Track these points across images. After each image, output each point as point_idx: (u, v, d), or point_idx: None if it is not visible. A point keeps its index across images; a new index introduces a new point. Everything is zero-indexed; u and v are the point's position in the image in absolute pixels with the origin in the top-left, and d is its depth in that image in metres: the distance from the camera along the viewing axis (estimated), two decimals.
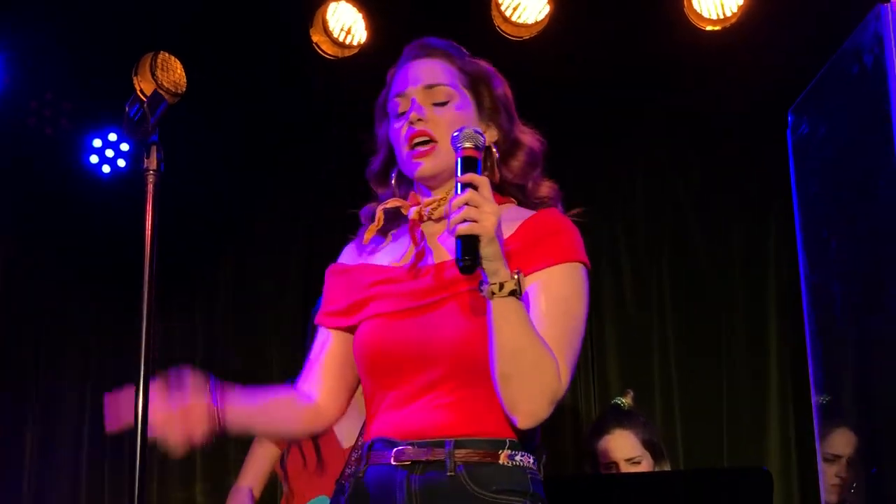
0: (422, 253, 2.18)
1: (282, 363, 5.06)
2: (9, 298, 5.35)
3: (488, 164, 2.20)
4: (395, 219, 2.27)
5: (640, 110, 4.75)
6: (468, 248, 1.92)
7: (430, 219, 2.20)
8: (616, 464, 3.58)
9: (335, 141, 5.06)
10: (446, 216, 2.04)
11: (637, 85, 4.60)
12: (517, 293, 1.95)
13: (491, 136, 2.22)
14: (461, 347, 2.06)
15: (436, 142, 2.16)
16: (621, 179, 4.84)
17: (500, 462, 2.03)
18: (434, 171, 2.18)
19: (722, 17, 4.26)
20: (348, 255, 2.34)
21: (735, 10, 4.24)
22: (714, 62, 4.37)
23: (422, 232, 2.19)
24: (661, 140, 4.79)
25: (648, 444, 3.62)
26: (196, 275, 5.32)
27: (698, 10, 4.25)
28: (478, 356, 2.02)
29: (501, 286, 1.94)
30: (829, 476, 3.13)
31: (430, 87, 2.21)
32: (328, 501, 3.43)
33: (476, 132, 2.05)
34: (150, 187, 2.03)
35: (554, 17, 4.30)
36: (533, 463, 2.08)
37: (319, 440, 3.51)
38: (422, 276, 2.15)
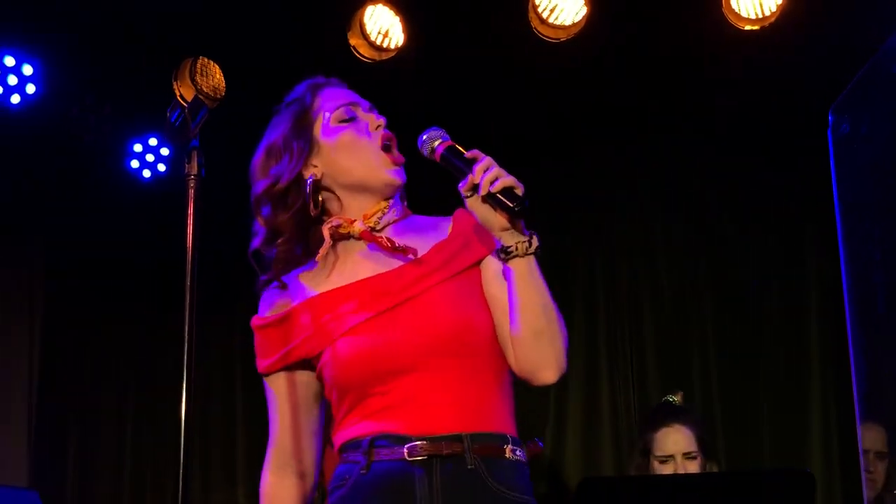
0: (410, 250, 2.17)
1: None
2: (53, 302, 5.41)
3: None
4: (303, 239, 2.29)
5: (678, 110, 4.74)
6: (513, 195, 2.02)
7: (373, 230, 2.22)
8: (673, 457, 3.58)
9: None
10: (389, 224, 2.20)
11: (675, 85, 4.58)
12: (537, 253, 2.05)
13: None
14: (461, 327, 2.08)
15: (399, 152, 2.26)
16: (659, 179, 4.82)
17: (507, 456, 2.07)
18: (402, 181, 2.26)
19: (761, 16, 4.23)
20: (277, 302, 2.34)
21: (774, 8, 4.21)
22: (753, 61, 4.34)
23: (389, 237, 2.20)
24: (699, 139, 4.77)
25: (702, 442, 3.64)
26: (237, 277, 5.34)
27: (736, 10, 4.23)
28: (477, 336, 2.08)
29: (529, 243, 2.04)
30: (868, 473, 3.13)
31: (371, 106, 2.35)
32: None
33: (437, 131, 2.18)
34: (192, 192, 2.05)
35: (591, 19, 4.29)
36: (524, 457, 2.12)
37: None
38: (400, 275, 2.15)
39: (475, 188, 2.04)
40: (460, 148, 2.12)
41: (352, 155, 2.25)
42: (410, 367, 2.08)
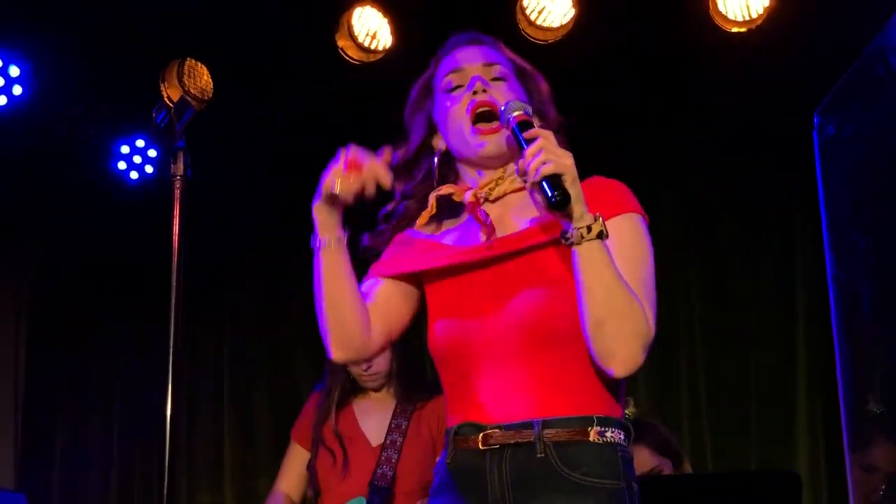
0: (490, 229, 2.15)
1: (308, 367, 5.08)
2: (39, 303, 5.40)
3: None
4: (445, 207, 2.24)
5: (665, 113, 4.75)
6: (556, 184, 1.91)
7: (486, 200, 2.19)
8: None
9: (360, 143, 5.08)
10: (503, 195, 2.11)
11: (662, 87, 4.59)
12: (604, 235, 1.94)
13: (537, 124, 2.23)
14: (541, 313, 2.04)
15: (499, 120, 2.14)
16: (647, 182, 4.82)
17: (591, 440, 2.00)
18: (497, 150, 2.16)
19: (747, 18, 4.24)
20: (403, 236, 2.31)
21: (760, 11, 4.22)
22: (739, 64, 4.35)
23: (485, 212, 2.16)
24: (686, 142, 4.79)
25: (664, 451, 3.56)
26: (223, 278, 5.35)
27: (723, 12, 4.24)
28: (557, 322, 2.02)
29: (590, 228, 1.93)
30: (864, 485, 3.10)
31: (489, 64, 2.21)
32: (364, 502, 3.44)
33: (523, 102, 2.09)
34: (178, 193, 2.05)
35: (579, 21, 4.29)
36: (623, 439, 2.04)
37: (346, 439, 3.52)
38: (498, 246, 2.12)
39: (525, 172, 1.96)
40: (528, 121, 2.03)
41: (448, 128, 2.21)
42: (485, 354, 2.07)
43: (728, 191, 4.74)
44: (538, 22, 4.33)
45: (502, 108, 2.08)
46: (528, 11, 4.32)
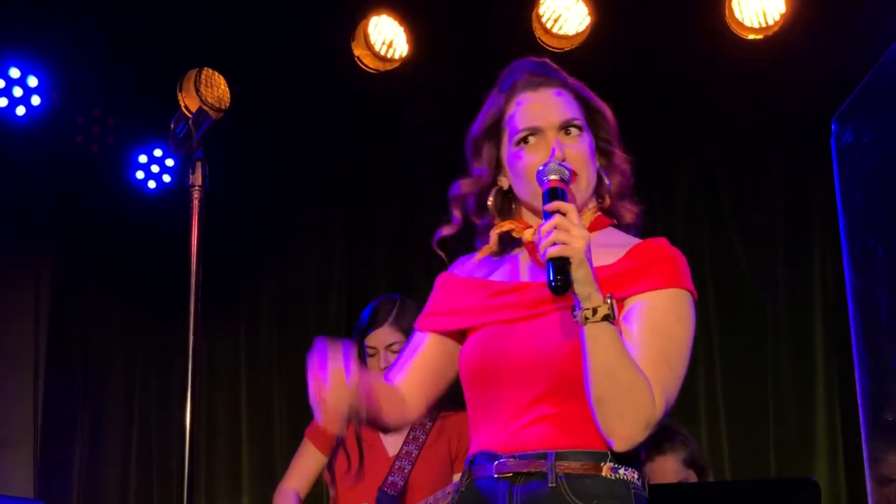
0: (536, 270, 2.18)
1: None
2: (58, 313, 5.42)
3: (601, 191, 2.25)
4: (505, 242, 2.27)
5: (681, 120, 4.74)
6: (559, 269, 1.94)
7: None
8: None
9: (377, 151, 5.10)
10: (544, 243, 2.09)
11: (678, 95, 4.59)
12: (610, 318, 1.95)
13: (600, 161, 2.26)
14: (564, 361, 2.05)
15: (577, 176, 2.15)
16: (663, 189, 4.82)
17: (603, 474, 2.02)
18: (579, 203, 2.16)
19: (764, 25, 4.23)
20: (460, 269, 2.33)
21: (777, 18, 4.22)
22: (756, 71, 4.34)
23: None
24: (702, 149, 4.78)
25: (690, 462, 3.57)
26: (240, 287, 5.36)
27: (740, 19, 4.23)
28: (577, 370, 2.02)
29: (595, 311, 1.95)
30: (879, 498, 3.08)
31: (565, 124, 2.20)
32: None
33: (561, 165, 2.09)
34: (196, 202, 2.06)
35: (595, 29, 4.29)
36: (637, 478, 2.06)
37: (364, 445, 3.53)
38: (531, 291, 2.15)
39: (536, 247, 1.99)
40: (560, 188, 2.05)
41: (521, 182, 2.20)
42: (510, 384, 2.09)
43: (745, 198, 4.72)
44: (554, 30, 4.33)
45: (541, 167, 2.09)
46: (544, 19, 4.32)
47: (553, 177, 2.06)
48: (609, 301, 1.95)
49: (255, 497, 5.12)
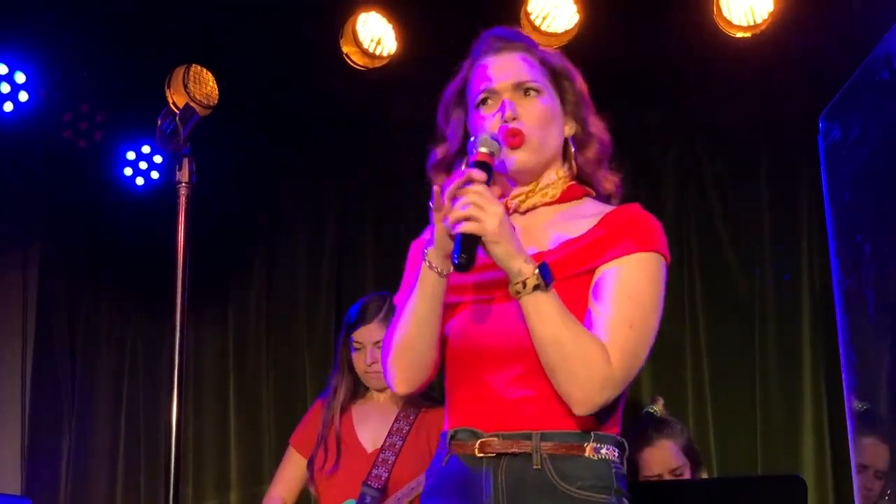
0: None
1: (314, 372, 5.09)
2: (45, 310, 5.41)
3: (566, 156, 2.24)
4: None
5: (669, 118, 4.75)
6: (466, 246, 1.92)
7: (516, 211, 2.21)
8: (660, 476, 3.56)
9: (365, 149, 5.10)
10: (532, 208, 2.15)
11: (666, 92, 4.59)
12: (541, 287, 1.95)
13: (570, 128, 2.26)
14: None
15: (529, 136, 2.16)
16: (650, 186, 4.83)
17: (587, 455, 2.03)
18: (528, 165, 2.18)
19: (752, 23, 4.24)
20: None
21: (765, 16, 4.22)
22: (744, 69, 4.35)
23: (512, 224, 2.16)
24: (690, 147, 4.78)
25: (688, 451, 3.61)
26: (228, 283, 5.35)
27: (728, 17, 4.24)
28: None
29: (524, 284, 1.95)
30: (860, 486, 3.12)
31: (520, 83, 2.21)
32: None
33: (493, 139, 2.08)
34: (183, 199, 2.06)
35: (583, 26, 4.30)
36: (617, 456, 2.08)
37: (342, 442, 3.55)
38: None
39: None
40: (487, 163, 2.03)
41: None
42: (492, 364, 2.09)
43: (732, 196, 4.73)
44: (543, 27, 4.33)
45: (472, 138, 2.09)
46: (532, 17, 4.33)
47: (483, 149, 2.05)
48: (537, 271, 1.94)
49: (242, 493, 5.12)
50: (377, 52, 4.49)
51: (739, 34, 4.26)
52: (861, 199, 3.02)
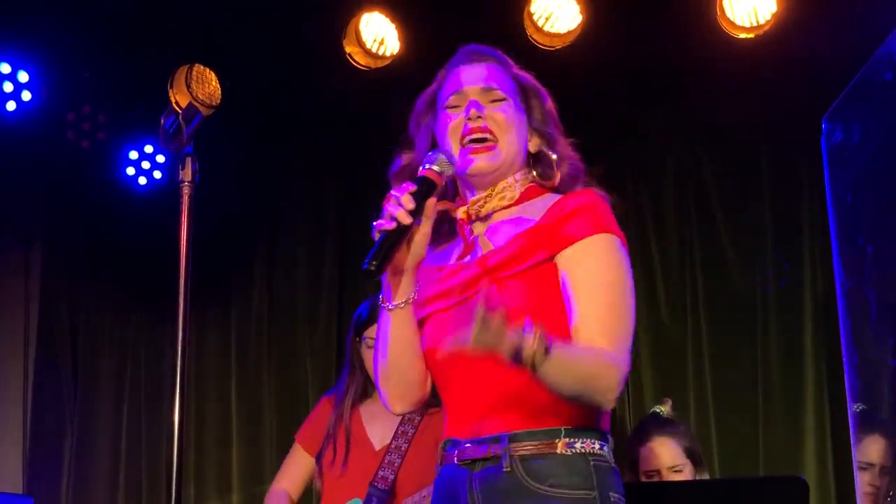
0: (471, 248, 2.21)
1: (316, 372, 5.09)
2: (47, 310, 5.41)
3: (537, 170, 2.26)
4: (441, 221, 2.26)
5: (671, 119, 4.75)
6: (379, 251, 2.01)
7: (477, 218, 2.23)
8: (658, 472, 3.57)
9: (365, 149, 5.10)
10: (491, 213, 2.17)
11: (669, 93, 4.59)
12: (540, 358, 1.90)
13: (535, 145, 2.27)
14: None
15: (494, 140, 2.19)
16: (652, 189, 4.83)
17: (559, 451, 2.04)
18: (489, 168, 2.20)
19: (755, 24, 4.24)
20: None
21: (768, 17, 4.22)
22: (747, 70, 4.35)
23: (470, 229, 2.22)
24: (692, 148, 4.78)
25: (689, 453, 3.61)
26: (229, 284, 5.35)
27: (731, 18, 4.24)
28: None
29: (534, 365, 1.92)
30: (862, 484, 3.12)
31: (488, 88, 2.24)
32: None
33: (451, 161, 2.13)
34: (186, 198, 2.06)
35: (586, 27, 4.30)
36: (600, 448, 2.08)
37: (352, 439, 3.55)
38: (466, 270, 2.17)
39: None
40: (433, 182, 2.08)
41: (443, 144, 2.24)
42: (462, 370, 2.11)
43: (735, 197, 4.73)
44: (545, 28, 4.33)
45: (431, 153, 2.14)
46: (535, 17, 4.33)
47: (436, 168, 2.10)
48: (534, 344, 1.89)
49: (244, 495, 5.11)
50: (380, 53, 4.49)
51: (742, 35, 4.26)
52: (863, 201, 3.02)
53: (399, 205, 2.01)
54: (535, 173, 2.26)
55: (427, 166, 2.10)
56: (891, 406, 3.00)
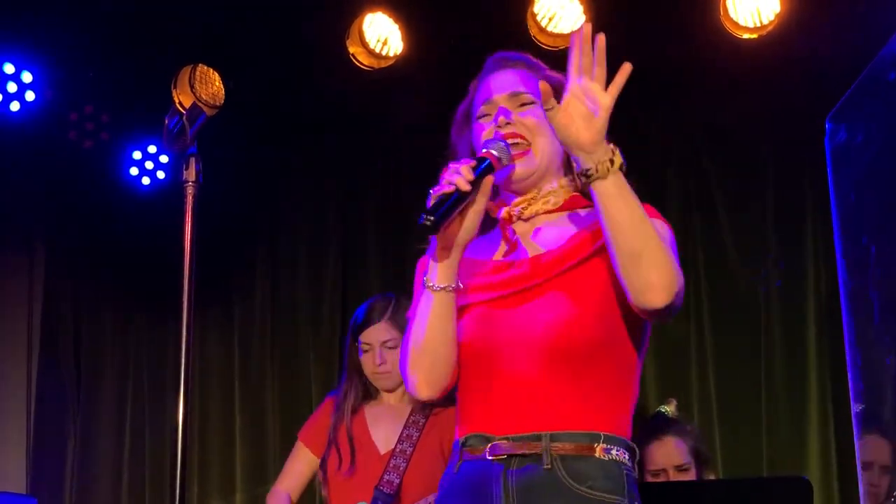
0: (514, 247, 2.22)
1: (319, 372, 5.09)
2: (50, 310, 5.41)
3: (567, 170, 2.29)
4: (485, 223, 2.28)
5: (675, 119, 4.74)
6: (437, 207, 1.99)
7: (519, 218, 2.25)
8: (665, 471, 3.58)
9: (370, 149, 5.10)
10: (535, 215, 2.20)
11: (672, 93, 4.59)
12: (623, 168, 2.01)
13: None
14: (556, 334, 2.07)
15: (528, 144, 2.21)
16: (656, 189, 4.82)
17: (597, 455, 2.04)
18: (524, 174, 2.22)
19: (758, 24, 4.24)
20: None
21: (771, 17, 4.22)
22: (749, 70, 4.35)
23: (513, 230, 2.24)
24: (696, 148, 4.78)
25: (695, 452, 3.63)
26: (231, 284, 5.36)
27: (734, 18, 4.24)
28: (573, 343, 2.05)
29: (612, 162, 2.01)
30: (865, 484, 3.12)
31: (516, 94, 2.26)
32: None
33: (508, 150, 2.15)
34: (189, 198, 2.06)
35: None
36: (628, 459, 2.08)
37: (356, 443, 3.54)
38: (516, 268, 2.17)
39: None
40: (491, 164, 2.11)
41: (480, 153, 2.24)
42: (501, 368, 2.10)
43: (738, 197, 4.73)
44: (549, 28, 4.33)
45: (491, 139, 2.17)
46: (538, 18, 4.33)
47: (494, 151, 2.12)
48: (617, 151, 2.02)
49: (248, 495, 5.12)
50: (383, 53, 4.49)
51: (746, 36, 4.26)
52: (867, 201, 3.02)
53: (458, 173, 2.02)
54: (574, 179, 2.28)
55: (486, 149, 2.12)
56: (894, 406, 3.00)
